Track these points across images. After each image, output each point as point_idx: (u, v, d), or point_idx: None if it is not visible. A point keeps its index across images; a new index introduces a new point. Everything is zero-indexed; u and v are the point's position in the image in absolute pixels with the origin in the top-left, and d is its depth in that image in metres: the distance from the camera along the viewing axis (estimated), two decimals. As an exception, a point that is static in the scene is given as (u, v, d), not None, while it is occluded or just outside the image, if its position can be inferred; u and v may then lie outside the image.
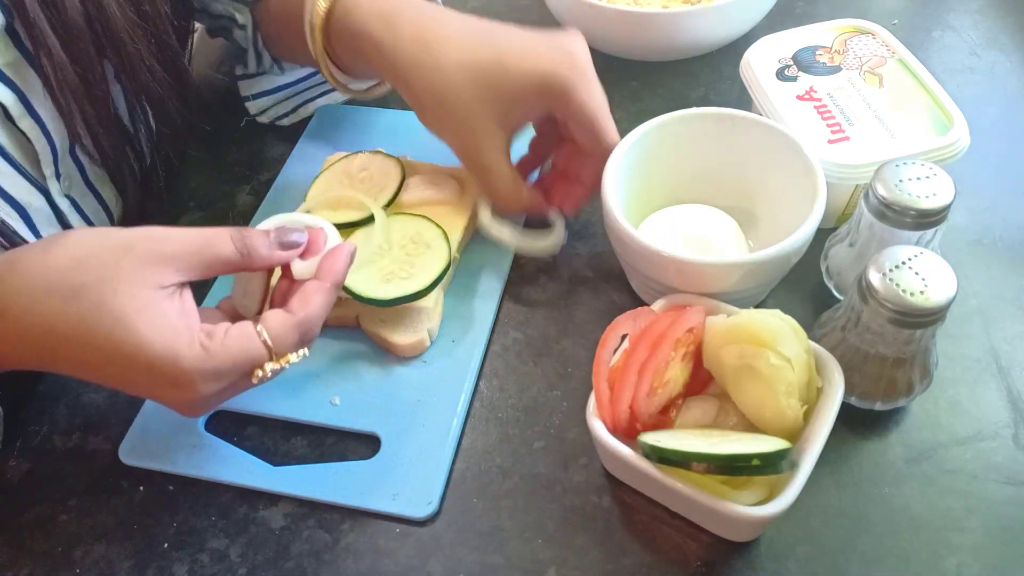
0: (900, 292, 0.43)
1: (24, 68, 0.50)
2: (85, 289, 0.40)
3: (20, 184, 0.52)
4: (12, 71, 0.50)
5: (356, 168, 0.61)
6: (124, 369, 0.42)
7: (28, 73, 0.51)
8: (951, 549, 0.45)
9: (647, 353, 0.46)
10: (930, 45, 0.74)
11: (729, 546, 0.46)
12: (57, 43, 0.50)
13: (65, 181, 0.56)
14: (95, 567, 0.48)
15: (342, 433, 0.52)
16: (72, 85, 0.51)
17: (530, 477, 0.49)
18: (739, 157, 0.57)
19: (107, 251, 0.42)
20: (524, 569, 0.46)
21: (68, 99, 0.51)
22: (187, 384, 0.42)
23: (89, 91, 0.52)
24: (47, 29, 0.49)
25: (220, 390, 0.43)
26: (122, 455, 0.51)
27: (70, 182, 0.56)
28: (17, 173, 0.52)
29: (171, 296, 0.42)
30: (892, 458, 0.48)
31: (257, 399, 0.53)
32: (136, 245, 0.42)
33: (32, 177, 0.53)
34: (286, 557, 0.47)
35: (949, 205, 0.48)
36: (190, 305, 0.43)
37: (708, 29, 0.71)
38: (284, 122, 0.71)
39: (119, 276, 0.41)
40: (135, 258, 0.42)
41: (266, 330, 0.44)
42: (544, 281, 0.59)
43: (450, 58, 0.53)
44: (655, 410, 0.46)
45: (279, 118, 0.71)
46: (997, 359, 0.52)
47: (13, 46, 0.50)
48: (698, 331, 0.48)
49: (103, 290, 0.40)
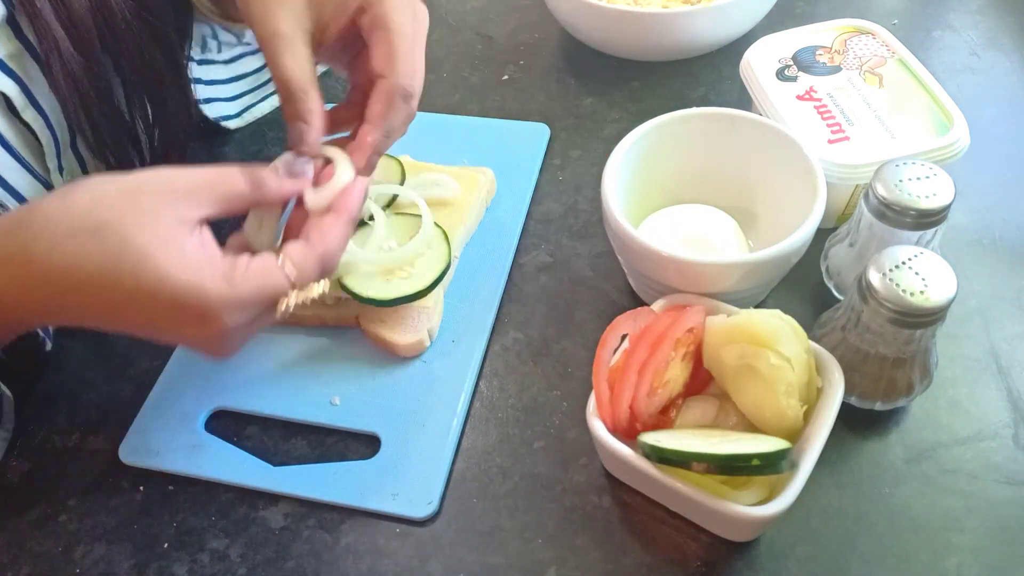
0: (900, 292, 0.43)
1: (26, 59, 0.51)
2: (107, 227, 0.40)
3: (24, 178, 0.52)
4: (14, 63, 0.50)
5: None
6: (148, 307, 0.41)
7: (29, 64, 0.51)
8: (951, 549, 0.45)
9: (647, 353, 0.45)
10: (930, 45, 0.74)
11: (729, 546, 0.46)
12: (63, 34, 0.50)
13: (68, 176, 0.56)
14: (95, 567, 0.48)
15: (342, 433, 0.52)
16: (76, 77, 0.51)
17: (530, 477, 0.49)
18: (739, 157, 0.57)
19: (125, 191, 0.42)
20: (524, 569, 0.46)
21: (72, 91, 0.51)
22: (212, 317, 0.42)
23: (93, 83, 0.52)
24: (53, 20, 0.49)
25: (245, 323, 0.43)
26: (122, 455, 0.52)
27: (72, 177, 0.56)
28: (21, 167, 0.52)
29: (191, 231, 0.42)
30: (892, 458, 0.48)
31: (257, 399, 0.53)
32: (152, 183, 0.42)
33: (36, 172, 0.53)
34: (286, 557, 0.47)
35: (949, 205, 0.48)
36: (210, 240, 0.44)
37: (708, 29, 0.71)
38: (230, 124, 0.71)
39: (140, 212, 0.41)
40: (153, 195, 0.42)
41: (288, 260, 0.44)
42: (544, 281, 0.59)
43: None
44: (655, 410, 0.46)
45: (225, 118, 0.71)
46: (997, 359, 0.52)
47: (15, 37, 0.50)
48: (698, 331, 0.48)
49: (125, 226, 0.40)
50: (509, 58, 0.78)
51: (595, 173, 0.61)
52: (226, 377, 0.55)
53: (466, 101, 0.74)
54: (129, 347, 0.58)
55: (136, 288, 0.40)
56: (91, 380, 0.56)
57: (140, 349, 0.58)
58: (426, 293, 0.54)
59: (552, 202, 0.65)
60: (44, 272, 0.41)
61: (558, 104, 0.73)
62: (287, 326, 0.56)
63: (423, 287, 0.53)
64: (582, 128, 0.70)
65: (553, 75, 0.76)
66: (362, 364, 0.55)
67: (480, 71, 0.77)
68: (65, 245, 0.40)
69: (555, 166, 0.67)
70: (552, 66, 0.77)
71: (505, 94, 0.74)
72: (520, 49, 0.79)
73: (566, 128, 0.70)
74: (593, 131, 0.70)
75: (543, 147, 0.68)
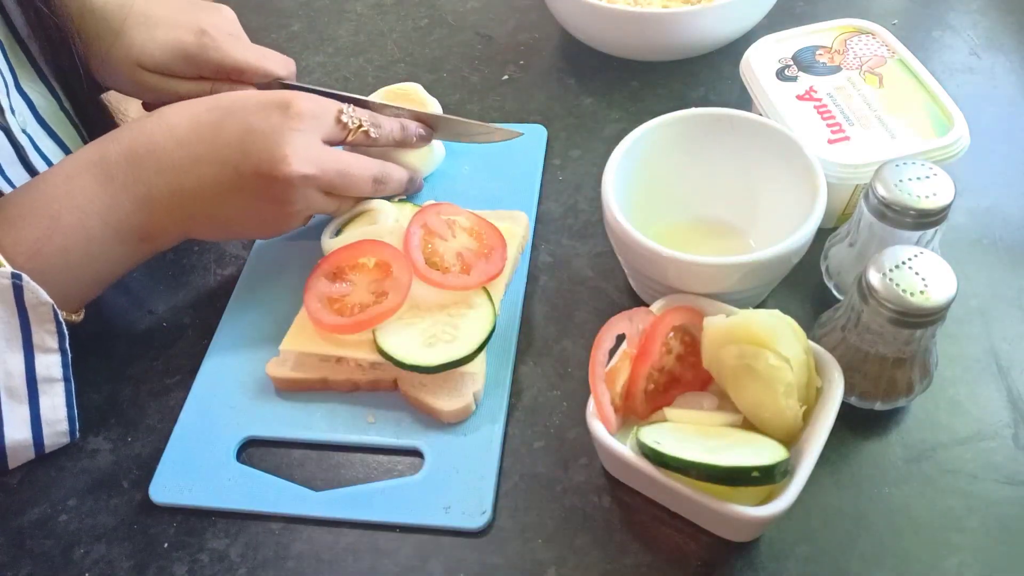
0: (900, 292, 0.43)
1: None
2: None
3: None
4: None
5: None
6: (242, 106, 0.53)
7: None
8: (951, 549, 0.45)
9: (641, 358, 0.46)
10: (930, 45, 0.74)
11: (729, 546, 0.46)
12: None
13: (19, 116, 0.57)
14: (95, 567, 0.48)
15: (382, 450, 0.51)
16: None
17: (530, 477, 0.49)
18: (739, 157, 0.57)
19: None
20: (524, 569, 0.46)
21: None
22: (290, 99, 0.53)
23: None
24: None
25: (313, 128, 0.54)
26: (153, 495, 0.50)
27: (24, 118, 0.58)
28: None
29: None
30: (892, 458, 0.48)
31: (288, 425, 0.52)
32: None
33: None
34: (286, 557, 0.47)
35: (949, 205, 0.48)
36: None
37: (708, 29, 0.71)
38: None
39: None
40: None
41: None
42: (544, 281, 0.59)
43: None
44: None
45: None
46: (997, 359, 0.52)
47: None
48: (689, 331, 0.48)
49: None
50: (509, 58, 0.78)
51: (595, 173, 0.61)
52: (253, 407, 0.53)
53: (466, 101, 0.74)
54: (129, 347, 0.58)
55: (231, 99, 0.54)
56: (91, 380, 0.56)
57: (140, 349, 0.58)
58: (472, 358, 0.51)
59: (552, 202, 0.65)
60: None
61: (558, 104, 0.73)
62: (315, 391, 0.53)
63: (469, 352, 0.51)
64: (582, 128, 0.70)
65: (553, 75, 0.76)
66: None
67: (480, 71, 0.77)
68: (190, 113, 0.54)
69: (555, 166, 0.67)
70: (552, 66, 0.77)
71: (505, 94, 0.74)
72: (520, 49, 0.79)
73: (566, 128, 0.70)
74: (593, 131, 0.70)
75: (542, 149, 0.68)
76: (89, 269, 0.52)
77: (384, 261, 0.54)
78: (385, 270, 0.54)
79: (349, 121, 0.57)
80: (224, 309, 0.59)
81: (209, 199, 0.53)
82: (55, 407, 0.51)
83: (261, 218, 0.56)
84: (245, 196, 0.53)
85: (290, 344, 0.53)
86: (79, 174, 0.51)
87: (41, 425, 0.51)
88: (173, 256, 0.64)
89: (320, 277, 0.54)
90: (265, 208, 0.54)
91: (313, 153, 0.53)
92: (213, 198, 0.53)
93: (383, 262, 0.54)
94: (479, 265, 0.55)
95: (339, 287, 0.54)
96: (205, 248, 0.64)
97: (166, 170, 0.52)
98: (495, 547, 0.47)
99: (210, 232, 0.57)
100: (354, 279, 0.54)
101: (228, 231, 0.58)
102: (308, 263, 0.56)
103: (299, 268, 0.58)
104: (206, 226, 0.56)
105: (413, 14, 0.85)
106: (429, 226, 0.56)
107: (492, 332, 0.52)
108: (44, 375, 0.50)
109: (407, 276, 0.53)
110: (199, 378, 0.55)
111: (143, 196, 0.52)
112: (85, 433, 0.54)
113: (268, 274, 0.61)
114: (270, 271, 0.61)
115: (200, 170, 0.52)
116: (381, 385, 0.53)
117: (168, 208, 0.52)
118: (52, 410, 0.51)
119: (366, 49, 0.81)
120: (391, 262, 0.54)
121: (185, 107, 0.54)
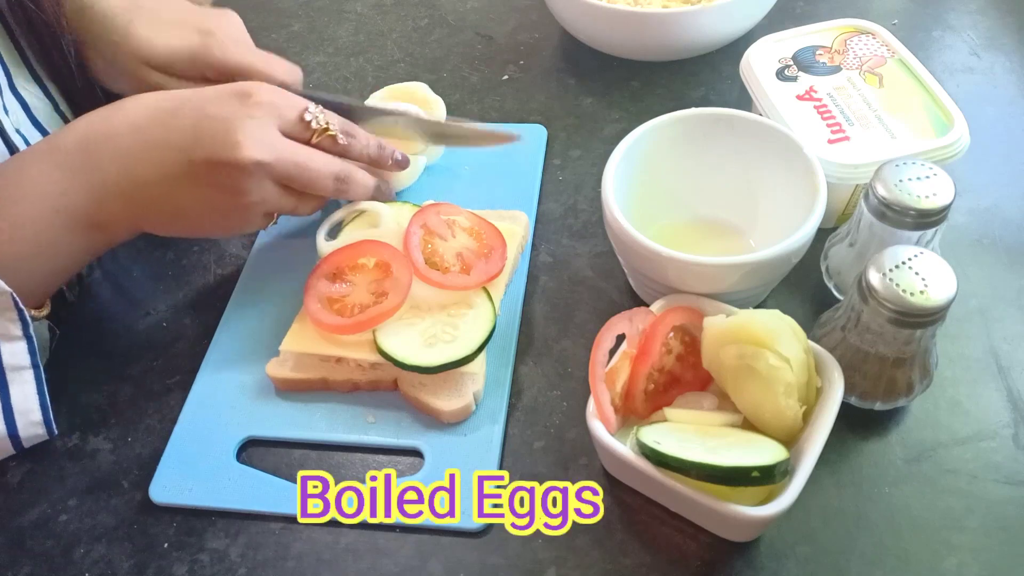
0: (900, 292, 0.43)
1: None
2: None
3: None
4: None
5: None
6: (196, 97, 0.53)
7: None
8: (951, 549, 0.45)
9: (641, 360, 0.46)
10: (930, 45, 0.74)
11: (729, 546, 0.46)
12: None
13: (13, 117, 0.57)
14: (95, 567, 0.48)
15: (382, 450, 0.51)
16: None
17: (530, 477, 0.49)
18: (739, 157, 0.57)
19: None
20: (524, 569, 0.46)
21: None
22: (249, 89, 0.52)
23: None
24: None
25: (271, 117, 0.52)
26: (153, 495, 0.50)
27: (17, 119, 0.57)
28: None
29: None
30: (892, 458, 0.48)
31: (288, 426, 0.52)
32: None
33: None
34: (286, 557, 0.47)
35: (949, 205, 0.48)
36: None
37: (708, 29, 0.71)
38: None
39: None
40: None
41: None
42: (544, 281, 0.59)
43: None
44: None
45: None
46: (997, 359, 0.52)
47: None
48: (689, 331, 0.48)
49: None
50: (509, 58, 0.78)
51: (595, 173, 0.61)
52: (253, 407, 0.53)
53: (466, 101, 0.74)
54: (129, 347, 0.58)
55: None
56: (91, 380, 0.56)
57: (140, 349, 0.58)
58: (473, 358, 0.51)
59: (552, 202, 0.65)
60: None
61: (558, 104, 0.73)
62: (315, 391, 0.54)
63: (469, 352, 0.51)
64: (582, 128, 0.70)
65: (553, 75, 0.76)
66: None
67: (480, 71, 0.77)
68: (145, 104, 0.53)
69: (555, 166, 0.67)
70: (552, 66, 0.77)
71: (505, 94, 0.74)
72: (520, 49, 0.79)
73: (566, 128, 0.70)
74: (593, 131, 0.70)
75: (542, 149, 0.68)
76: (41, 258, 0.51)
77: (384, 261, 0.54)
78: (385, 270, 0.54)
79: (313, 121, 0.54)
80: (224, 309, 0.59)
81: (160, 186, 0.51)
82: (26, 396, 0.50)
83: (215, 210, 0.53)
84: (198, 184, 0.51)
85: (290, 344, 0.53)
86: (34, 162, 0.51)
87: (14, 416, 0.50)
88: (173, 256, 0.64)
89: (320, 277, 0.54)
90: (217, 198, 0.52)
91: (268, 141, 0.52)
92: (164, 185, 0.51)
93: (383, 262, 0.54)
94: (479, 265, 0.55)
95: (339, 287, 0.54)
96: (205, 248, 0.64)
97: (119, 156, 0.51)
98: (495, 547, 0.47)
99: (163, 224, 0.55)
100: (354, 279, 0.54)
101: (182, 224, 0.55)
102: (308, 263, 0.56)
103: (299, 268, 0.58)
104: (159, 217, 0.54)
105: (413, 14, 0.85)
106: (429, 226, 0.56)
107: (492, 332, 0.52)
108: (11, 363, 0.49)
109: (407, 276, 0.53)
110: (199, 378, 0.55)
111: (97, 183, 0.51)
112: (85, 433, 0.54)
113: (268, 274, 0.61)
114: (270, 271, 0.61)
115: (152, 155, 0.51)
116: (381, 385, 0.53)
117: (120, 195, 0.51)
118: (24, 399, 0.50)
119: (366, 49, 0.81)
120: (391, 262, 0.54)
121: (145, 96, 0.53)
